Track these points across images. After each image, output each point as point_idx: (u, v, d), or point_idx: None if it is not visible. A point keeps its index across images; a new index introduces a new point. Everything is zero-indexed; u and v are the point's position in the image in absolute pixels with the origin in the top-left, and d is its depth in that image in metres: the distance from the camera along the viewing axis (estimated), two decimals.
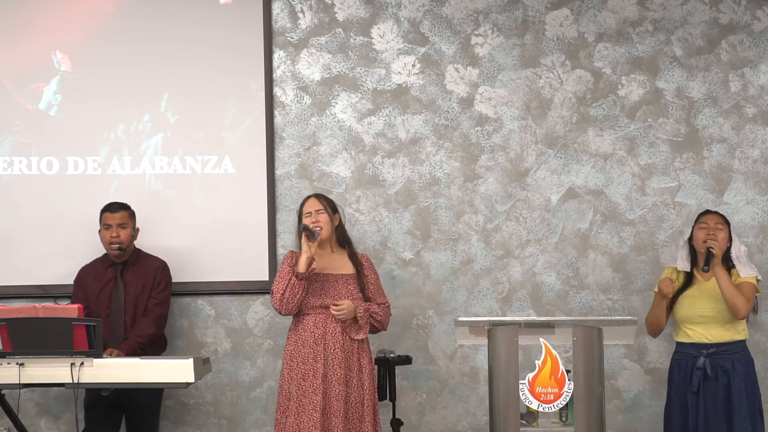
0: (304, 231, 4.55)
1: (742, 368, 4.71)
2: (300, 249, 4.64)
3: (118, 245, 5.03)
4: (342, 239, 4.79)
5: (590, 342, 3.96)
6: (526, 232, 5.62)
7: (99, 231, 5.11)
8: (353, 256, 4.75)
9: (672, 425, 4.82)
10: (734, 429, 4.65)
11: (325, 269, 4.65)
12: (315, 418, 4.46)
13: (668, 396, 4.88)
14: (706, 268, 4.68)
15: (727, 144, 5.66)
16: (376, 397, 4.70)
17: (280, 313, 4.63)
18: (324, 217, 4.67)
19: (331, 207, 4.73)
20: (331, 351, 4.54)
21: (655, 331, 4.93)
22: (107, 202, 5.15)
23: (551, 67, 5.65)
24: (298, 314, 4.63)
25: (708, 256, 4.67)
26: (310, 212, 4.68)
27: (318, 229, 4.60)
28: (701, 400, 4.70)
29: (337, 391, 4.52)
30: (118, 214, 5.06)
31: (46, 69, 5.46)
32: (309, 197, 4.78)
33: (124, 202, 5.16)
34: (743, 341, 4.78)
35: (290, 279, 4.54)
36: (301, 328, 4.60)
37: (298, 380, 4.54)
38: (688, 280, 4.85)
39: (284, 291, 4.55)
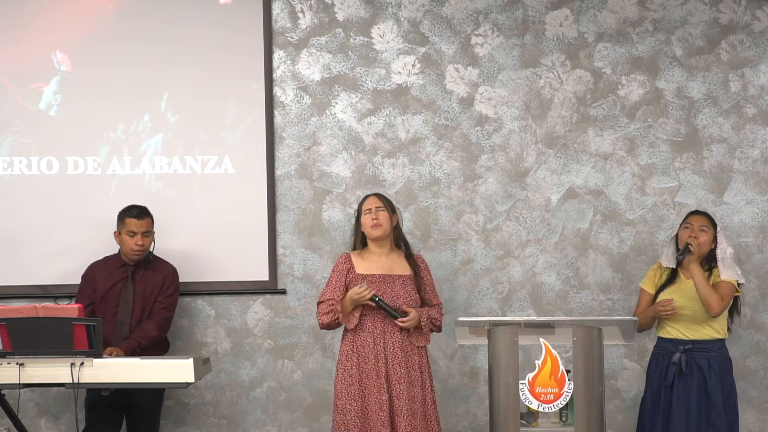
0: (375, 301, 4.55)
1: (718, 367, 4.78)
2: (352, 249, 4.76)
3: (139, 253, 5.02)
4: (399, 240, 4.80)
5: (590, 342, 3.96)
6: (526, 232, 5.62)
7: (116, 233, 5.08)
8: (410, 258, 4.77)
9: (645, 418, 4.91)
10: (708, 427, 4.71)
11: (382, 270, 4.67)
12: (383, 417, 4.49)
13: (645, 389, 4.97)
14: (680, 257, 4.77)
15: (727, 144, 5.66)
16: (434, 395, 4.72)
17: (321, 327, 4.76)
18: (384, 215, 4.69)
19: (390, 206, 4.75)
20: (391, 350, 4.58)
21: (640, 330, 5.05)
22: (129, 205, 5.08)
23: (551, 67, 5.65)
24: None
25: (685, 250, 4.76)
26: (370, 209, 4.70)
27: (378, 298, 4.58)
28: (675, 395, 4.78)
29: (399, 390, 4.54)
30: (143, 222, 5.01)
31: (46, 69, 5.46)
32: (369, 195, 4.80)
33: (144, 206, 5.10)
34: (722, 340, 4.85)
35: (337, 317, 4.59)
36: (359, 329, 4.62)
37: (362, 380, 4.55)
38: (672, 277, 4.92)
39: (330, 322, 4.63)
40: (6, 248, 5.40)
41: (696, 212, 4.97)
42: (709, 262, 4.86)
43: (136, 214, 5.03)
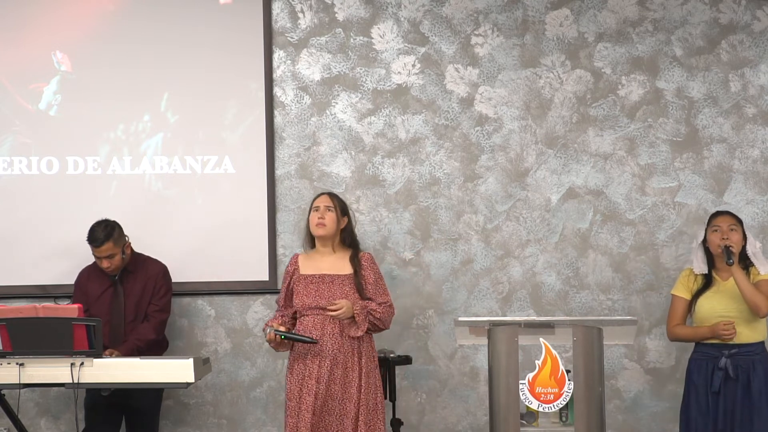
0: (285, 338, 4.55)
1: (761, 369, 4.67)
2: (304, 248, 4.75)
3: (111, 273, 4.98)
4: (348, 241, 4.74)
5: (590, 342, 3.96)
6: (526, 232, 5.62)
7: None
8: (354, 258, 4.70)
9: (690, 426, 4.78)
10: (754, 430, 4.62)
11: (323, 270, 4.65)
12: (306, 419, 4.47)
13: (686, 396, 4.84)
14: (730, 261, 4.61)
15: (727, 144, 5.66)
16: (380, 398, 4.64)
17: None
18: (330, 216, 4.66)
19: (341, 208, 4.71)
20: (329, 352, 4.54)
21: (675, 340, 4.98)
22: (91, 226, 4.96)
23: (551, 67, 5.65)
24: (298, 315, 4.64)
25: (728, 252, 4.63)
26: (318, 207, 4.68)
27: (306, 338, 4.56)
28: (721, 400, 4.67)
29: (334, 390, 4.51)
30: (103, 248, 4.90)
31: (46, 69, 5.46)
32: (322, 193, 4.77)
33: (107, 222, 4.97)
34: (763, 342, 4.74)
35: (270, 333, 4.54)
36: (301, 329, 4.60)
37: (300, 380, 4.55)
38: (707, 281, 4.81)
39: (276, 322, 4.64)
40: (6, 248, 5.41)
41: (719, 213, 4.87)
42: (744, 260, 4.75)
43: (94, 242, 4.92)
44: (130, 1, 5.50)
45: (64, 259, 5.34)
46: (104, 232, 4.92)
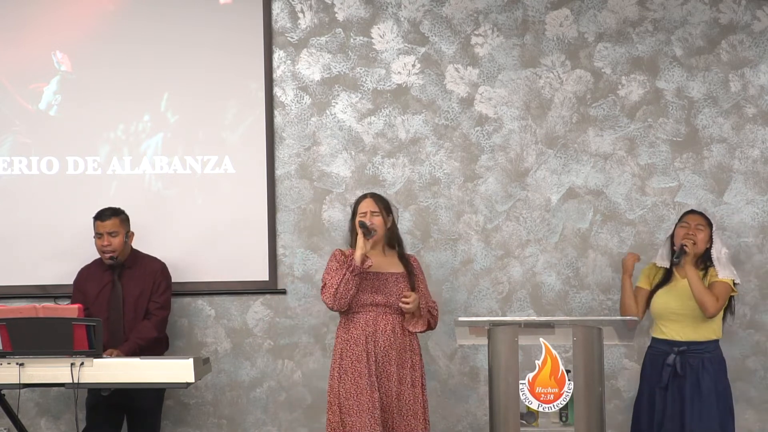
0: (362, 228, 4.60)
1: (712, 368, 4.78)
2: (349, 247, 4.72)
3: (110, 254, 5.00)
4: (393, 239, 4.80)
5: (590, 342, 3.96)
6: (526, 232, 5.62)
7: (94, 237, 5.08)
8: (402, 257, 4.78)
9: (640, 419, 4.90)
10: (701, 428, 4.70)
11: (376, 268, 4.67)
12: (376, 416, 4.48)
13: (639, 390, 4.97)
14: (676, 260, 4.79)
15: (727, 144, 5.66)
16: (426, 394, 4.71)
17: (332, 309, 4.64)
18: (378, 220, 4.71)
19: (385, 208, 4.76)
20: (382, 348, 4.57)
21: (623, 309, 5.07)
22: (100, 208, 5.08)
23: (551, 67, 5.65)
24: (349, 312, 4.64)
25: (680, 251, 4.78)
26: (365, 212, 4.70)
27: (374, 226, 4.64)
28: (669, 396, 4.78)
29: (387, 387, 4.55)
30: (108, 222, 4.98)
31: (46, 69, 5.46)
32: (365, 197, 4.78)
33: (117, 207, 5.10)
34: (716, 341, 4.85)
35: (344, 274, 4.54)
36: (352, 327, 4.62)
37: (355, 378, 4.54)
38: (667, 276, 4.92)
39: (338, 286, 4.54)
40: (6, 248, 5.41)
41: (692, 211, 5.01)
42: (705, 261, 4.87)
43: (100, 216, 5.01)
44: (130, 1, 5.50)
45: (64, 259, 5.34)
46: (112, 210, 5.03)
